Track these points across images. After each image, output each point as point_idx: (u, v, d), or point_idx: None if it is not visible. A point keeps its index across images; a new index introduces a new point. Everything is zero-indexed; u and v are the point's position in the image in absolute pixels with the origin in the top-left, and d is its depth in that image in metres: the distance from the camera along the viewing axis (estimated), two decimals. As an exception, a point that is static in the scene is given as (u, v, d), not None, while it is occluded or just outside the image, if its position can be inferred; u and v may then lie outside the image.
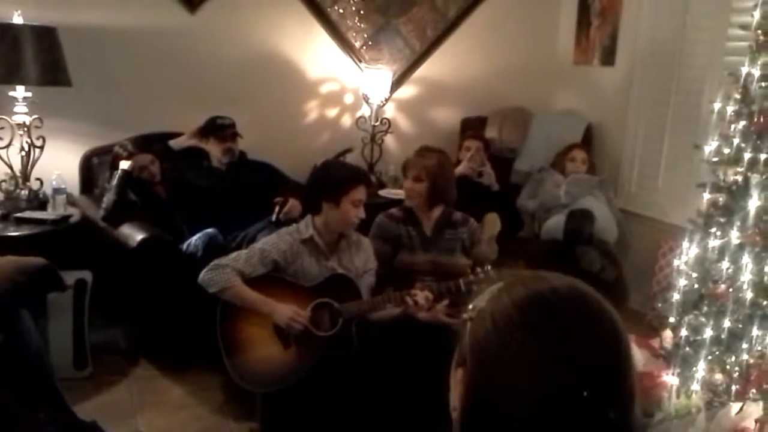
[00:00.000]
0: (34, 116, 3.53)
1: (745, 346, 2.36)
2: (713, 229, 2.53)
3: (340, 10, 4.50)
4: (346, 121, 4.70)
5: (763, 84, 2.43)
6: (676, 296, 2.61)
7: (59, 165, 3.65)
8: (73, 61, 3.52)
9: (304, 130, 4.58)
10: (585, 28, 4.89)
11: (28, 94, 3.48)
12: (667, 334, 2.65)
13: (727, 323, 2.39)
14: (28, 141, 3.52)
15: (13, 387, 2.47)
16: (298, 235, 2.81)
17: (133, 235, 3.26)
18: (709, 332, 2.42)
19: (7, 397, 2.36)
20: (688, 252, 2.61)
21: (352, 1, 4.52)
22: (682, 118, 4.16)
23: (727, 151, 2.52)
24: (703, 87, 3.94)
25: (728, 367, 2.39)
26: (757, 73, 2.44)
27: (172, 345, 3.36)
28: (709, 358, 2.42)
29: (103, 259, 3.39)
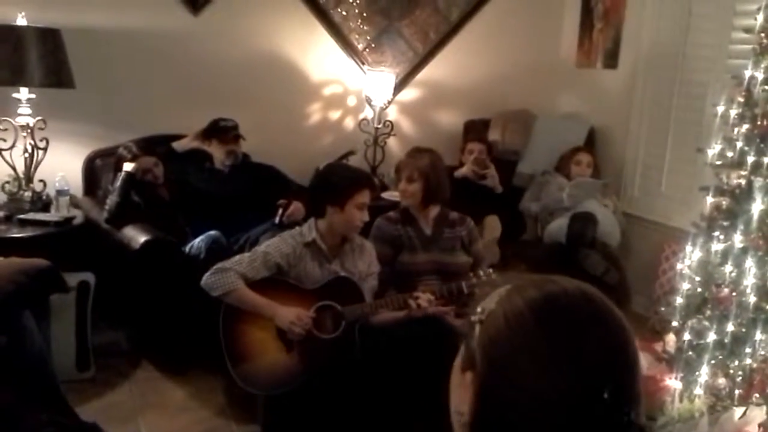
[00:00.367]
0: (38, 118, 3.53)
1: (748, 350, 2.36)
2: (716, 233, 2.52)
3: (343, 13, 4.50)
4: (349, 123, 4.70)
5: (767, 87, 2.43)
6: (679, 300, 2.61)
7: (62, 167, 3.66)
8: (77, 63, 3.53)
9: (307, 133, 4.58)
10: (588, 31, 4.89)
11: (32, 96, 3.49)
12: (670, 337, 2.65)
13: (731, 327, 2.38)
14: (32, 143, 3.52)
15: (15, 388, 2.47)
16: (301, 238, 2.81)
17: (136, 237, 3.26)
18: (712, 336, 2.42)
19: (9, 399, 2.36)
20: (692, 255, 2.60)
21: (355, 4, 4.52)
22: (685, 122, 4.16)
23: (730, 155, 2.52)
24: (707, 90, 3.93)
25: (731, 372, 2.38)
26: (760, 76, 2.44)
27: (174, 347, 3.35)
28: (713, 362, 2.41)
29: (106, 261, 3.39)
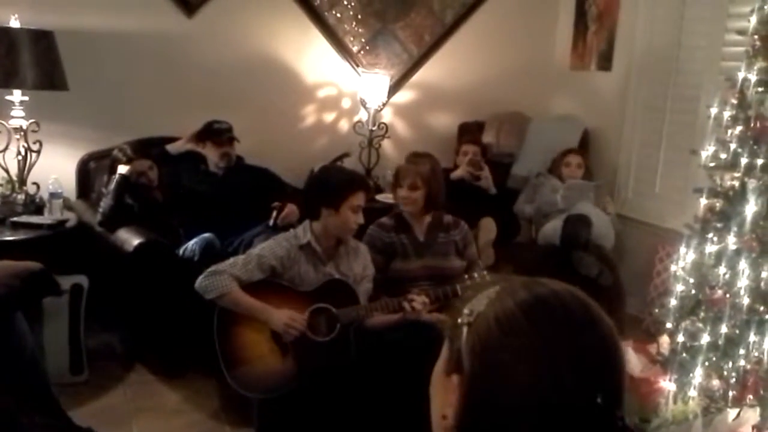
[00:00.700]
0: (31, 120, 3.52)
1: (742, 352, 2.36)
2: (710, 235, 2.53)
3: (338, 15, 4.50)
4: (344, 125, 4.70)
5: (760, 89, 2.43)
6: (673, 302, 2.61)
7: (56, 169, 3.65)
8: (70, 65, 3.52)
9: (302, 135, 4.58)
10: (582, 33, 4.90)
11: (25, 98, 3.48)
12: (664, 339, 2.65)
13: (724, 329, 2.38)
14: (25, 145, 3.51)
15: (7, 392, 2.46)
16: (296, 241, 2.80)
17: (130, 240, 3.25)
18: (706, 338, 2.42)
19: (1, 402, 2.35)
20: (685, 257, 2.61)
21: (350, 6, 4.52)
22: (679, 123, 4.17)
23: (723, 157, 2.52)
24: (700, 92, 3.94)
25: (725, 373, 2.39)
26: (753, 78, 2.44)
27: (168, 350, 3.34)
28: (706, 363, 2.42)
29: (100, 264, 3.38)
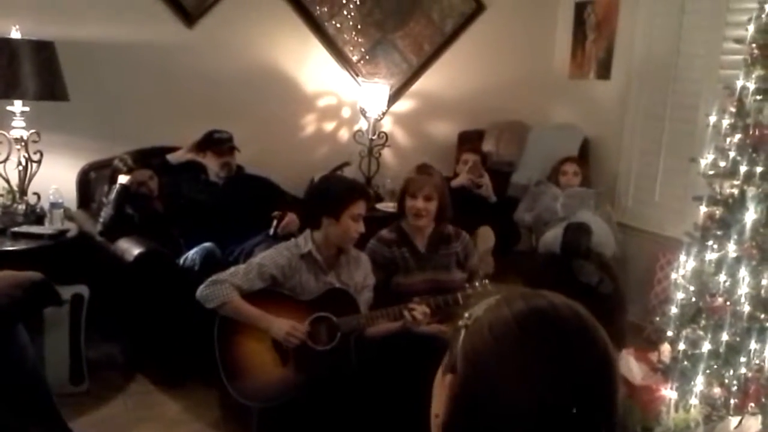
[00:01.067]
0: (32, 131, 3.53)
1: (743, 359, 2.35)
2: (710, 243, 2.53)
3: (338, 25, 4.52)
4: (344, 134, 4.71)
5: (758, 97, 2.44)
6: (674, 309, 2.60)
7: (56, 179, 3.65)
8: (71, 76, 3.53)
9: (302, 144, 4.59)
10: (581, 42, 4.92)
11: (26, 109, 3.49)
12: (665, 347, 2.64)
13: (725, 337, 2.38)
14: (26, 155, 3.52)
15: (8, 402, 2.46)
16: (297, 250, 2.80)
17: (130, 250, 3.25)
18: (707, 346, 2.42)
19: (2, 413, 2.35)
20: (686, 265, 2.60)
21: (349, 16, 4.54)
22: (678, 132, 4.18)
23: (723, 164, 2.52)
24: (699, 100, 3.95)
25: (726, 381, 2.38)
26: (752, 86, 2.45)
27: (169, 360, 3.34)
28: (708, 371, 2.41)
29: (100, 274, 3.38)
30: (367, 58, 4.65)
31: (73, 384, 3.16)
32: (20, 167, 3.52)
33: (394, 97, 4.73)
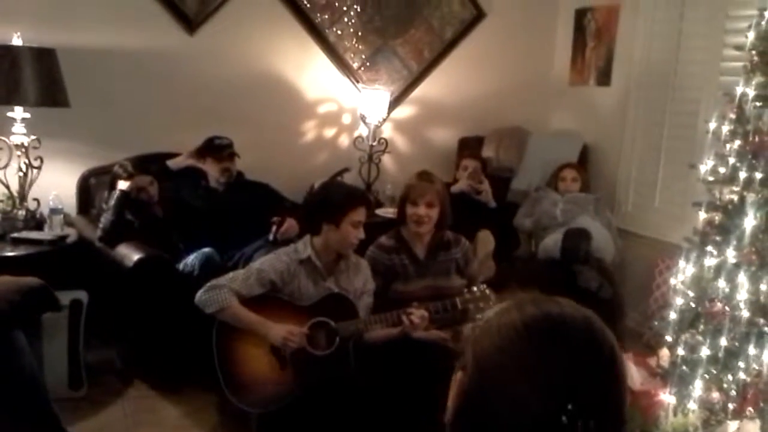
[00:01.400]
0: (32, 137, 3.54)
1: (741, 364, 2.35)
2: (709, 248, 2.52)
3: (338, 32, 4.53)
4: (344, 141, 4.72)
5: (758, 103, 2.44)
6: (673, 315, 2.60)
7: (56, 185, 3.67)
8: (72, 82, 3.55)
9: (302, 150, 4.60)
10: (581, 49, 4.93)
11: (27, 115, 3.50)
12: (664, 352, 2.64)
13: (724, 342, 2.38)
14: (26, 161, 3.53)
15: (7, 407, 2.46)
16: (296, 256, 2.80)
17: (130, 255, 3.26)
18: (705, 351, 2.41)
19: (1, 418, 2.35)
20: (685, 271, 2.60)
21: (350, 23, 4.55)
22: (678, 138, 4.18)
23: (722, 171, 2.52)
24: (699, 107, 3.96)
25: (725, 386, 2.38)
26: (751, 92, 2.45)
27: (167, 365, 3.34)
28: (706, 376, 2.41)
29: (100, 279, 3.39)
30: (368, 64, 4.67)
31: (72, 389, 3.16)
32: (20, 173, 3.54)
33: (395, 104, 4.74)
